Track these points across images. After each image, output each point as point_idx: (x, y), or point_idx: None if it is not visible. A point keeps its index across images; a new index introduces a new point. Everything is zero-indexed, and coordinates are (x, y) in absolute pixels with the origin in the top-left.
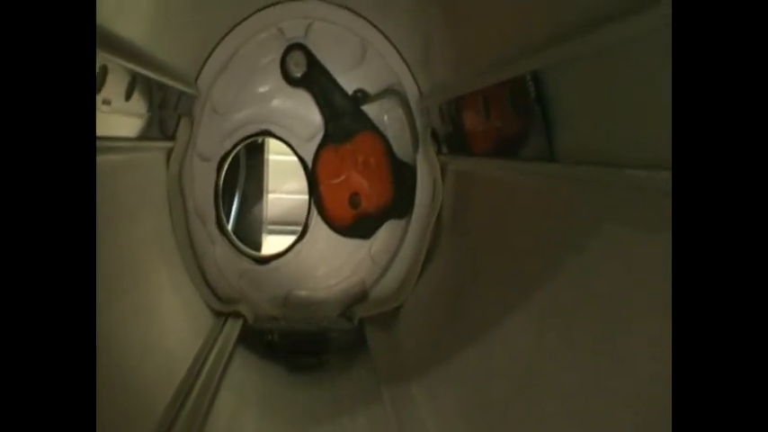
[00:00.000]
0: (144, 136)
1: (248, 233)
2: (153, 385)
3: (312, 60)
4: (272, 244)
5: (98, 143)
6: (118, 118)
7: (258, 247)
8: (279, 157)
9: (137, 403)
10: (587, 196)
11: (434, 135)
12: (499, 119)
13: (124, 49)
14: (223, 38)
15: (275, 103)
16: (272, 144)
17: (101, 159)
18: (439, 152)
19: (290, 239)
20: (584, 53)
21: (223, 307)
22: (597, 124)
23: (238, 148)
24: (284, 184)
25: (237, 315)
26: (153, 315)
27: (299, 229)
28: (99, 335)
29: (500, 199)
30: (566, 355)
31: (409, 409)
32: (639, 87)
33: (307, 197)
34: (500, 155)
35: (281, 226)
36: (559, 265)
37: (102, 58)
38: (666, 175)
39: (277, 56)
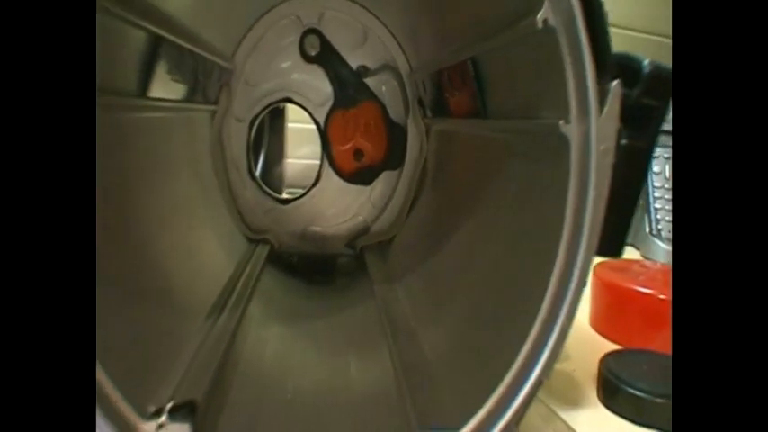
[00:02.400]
0: (192, 99)
1: (271, 180)
2: (198, 298)
3: (324, 42)
4: None
5: (156, 103)
6: (170, 83)
7: (279, 192)
8: (295, 125)
9: (183, 311)
10: (511, 141)
11: (420, 103)
12: (457, 89)
13: (174, 26)
14: (254, 24)
15: (294, 76)
16: (291, 113)
17: (159, 115)
18: (424, 116)
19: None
20: (499, 46)
21: (254, 235)
22: (511, 91)
23: (265, 111)
24: (299, 149)
25: (266, 242)
26: (198, 242)
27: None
28: (151, 258)
29: (467, 150)
30: (489, 249)
31: (393, 299)
32: (538, 68)
33: (315, 162)
34: (461, 116)
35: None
36: (499, 193)
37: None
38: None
39: (296, 38)
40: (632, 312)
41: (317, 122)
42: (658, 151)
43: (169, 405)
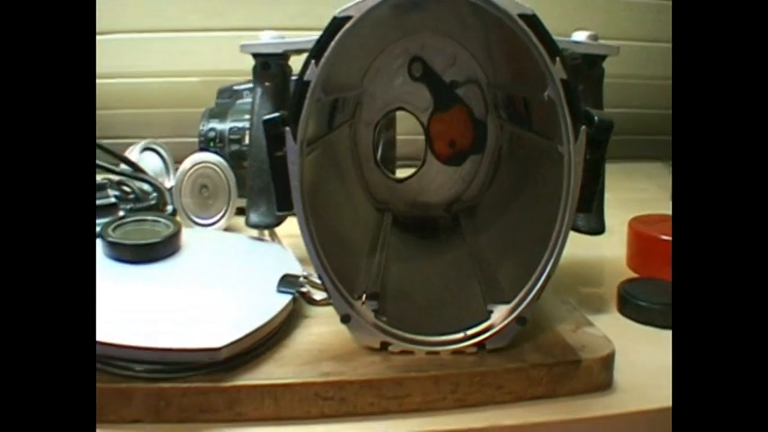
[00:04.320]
0: (340, 122)
1: (388, 166)
2: (360, 246)
3: (425, 65)
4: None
5: (330, 133)
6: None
7: (393, 170)
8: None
9: (355, 252)
10: (543, 145)
11: (496, 106)
12: (516, 106)
13: (343, 86)
14: (375, 58)
15: (405, 90)
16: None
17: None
18: (499, 116)
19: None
20: (532, 99)
21: (380, 206)
22: (540, 121)
23: (385, 117)
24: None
25: (389, 210)
26: (352, 214)
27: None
28: (341, 225)
29: (525, 144)
30: (535, 209)
31: (478, 245)
32: (549, 115)
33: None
34: (520, 122)
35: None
36: (541, 176)
37: (338, 96)
38: (555, 145)
39: (405, 63)
40: (655, 253)
41: (421, 123)
42: None
43: (364, 294)
